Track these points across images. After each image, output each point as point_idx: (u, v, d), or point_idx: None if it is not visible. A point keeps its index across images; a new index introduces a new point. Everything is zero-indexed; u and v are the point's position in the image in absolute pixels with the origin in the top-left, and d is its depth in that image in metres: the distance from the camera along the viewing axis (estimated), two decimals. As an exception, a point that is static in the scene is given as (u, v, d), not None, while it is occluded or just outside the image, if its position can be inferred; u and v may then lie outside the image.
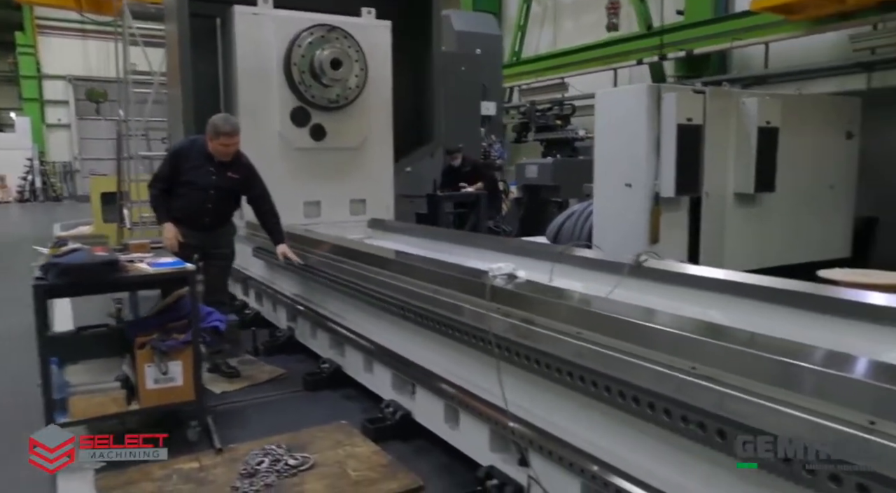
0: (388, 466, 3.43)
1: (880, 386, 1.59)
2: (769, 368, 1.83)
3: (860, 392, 1.63)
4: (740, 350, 1.93)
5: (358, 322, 4.49)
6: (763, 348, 1.90)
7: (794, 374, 1.77)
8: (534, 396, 2.87)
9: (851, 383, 1.65)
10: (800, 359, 1.79)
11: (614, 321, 2.36)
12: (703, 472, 2.15)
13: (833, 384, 1.68)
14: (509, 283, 2.97)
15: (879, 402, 1.59)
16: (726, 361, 1.95)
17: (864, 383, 1.62)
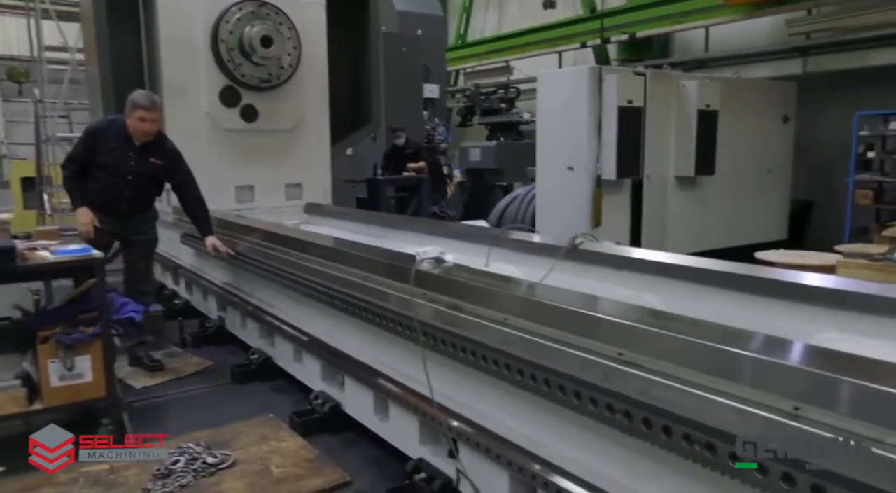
0: (315, 461, 3.27)
1: (806, 371, 1.50)
2: (696, 353, 1.74)
3: (786, 377, 1.54)
4: (666, 335, 1.82)
5: (287, 311, 4.30)
6: (691, 333, 1.80)
7: (720, 359, 1.68)
8: (461, 385, 2.74)
9: (777, 369, 1.55)
10: (727, 344, 1.69)
11: (541, 307, 2.25)
12: (630, 462, 2.05)
13: (759, 370, 1.59)
14: (436, 267, 2.84)
15: (805, 387, 1.50)
16: (653, 346, 1.85)
17: (790, 368, 1.53)
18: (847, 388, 1.42)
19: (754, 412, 1.57)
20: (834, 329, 2.43)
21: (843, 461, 1.42)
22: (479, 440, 2.56)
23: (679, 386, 1.73)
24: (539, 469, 2.30)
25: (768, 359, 1.57)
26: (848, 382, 1.41)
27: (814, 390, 1.48)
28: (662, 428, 1.80)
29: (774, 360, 1.56)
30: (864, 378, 1.41)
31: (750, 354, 1.62)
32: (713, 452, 1.68)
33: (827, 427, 1.46)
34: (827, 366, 1.49)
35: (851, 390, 1.41)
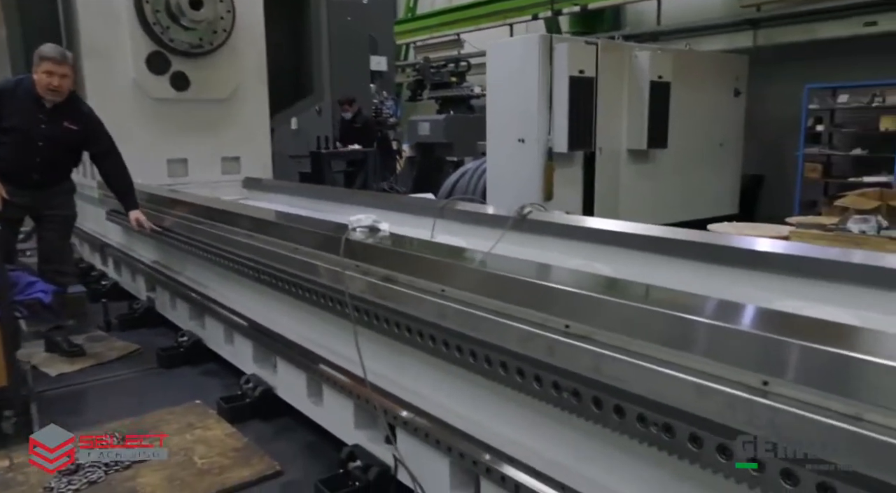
0: (243, 450, 3.01)
1: (777, 340, 1.30)
2: (651, 323, 1.53)
3: (754, 348, 1.34)
4: (617, 303, 1.61)
5: (217, 289, 4.00)
6: (644, 301, 1.59)
7: (678, 329, 1.47)
8: (398, 365, 2.51)
9: (743, 339, 1.35)
10: (686, 312, 1.48)
11: (479, 276, 2.02)
12: (580, 445, 1.85)
13: (723, 341, 1.39)
14: (370, 237, 2.59)
15: (775, 360, 1.30)
16: (602, 316, 1.64)
17: (758, 338, 1.33)
18: (825, 359, 1.22)
19: (717, 388, 1.37)
20: (794, 298, 2.27)
21: (818, 441, 1.23)
22: (417, 424, 2.34)
23: (632, 360, 1.53)
24: (481, 455, 2.09)
25: (733, 327, 1.37)
26: (827, 352, 1.22)
27: (785, 363, 1.28)
28: (614, 408, 1.60)
29: (740, 328, 1.36)
30: (843, 348, 1.22)
31: (712, 322, 1.41)
32: (671, 434, 1.48)
33: (799, 404, 1.27)
34: (800, 335, 1.29)
35: (829, 361, 1.22)
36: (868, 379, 1.17)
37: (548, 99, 6.84)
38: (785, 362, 1.29)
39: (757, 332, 1.34)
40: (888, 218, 4.44)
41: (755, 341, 1.34)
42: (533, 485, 1.91)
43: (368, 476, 2.55)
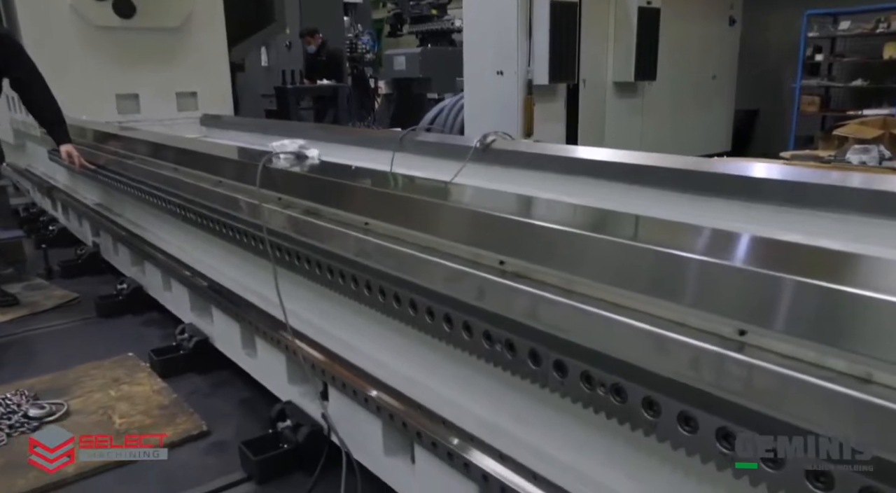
0: (170, 407, 2.71)
1: (760, 274, 0.96)
2: (601, 256, 1.18)
3: (726, 286, 1.00)
4: (562, 232, 1.26)
5: (153, 231, 3.65)
6: (595, 229, 1.24)
7: (630, 263, 1.13)
8: (324, 312, 2.19)
9: (715, 272, 1.01)
10: (641, 242, 1.14)
11: (407, 205, 1.66)
12: (520, 407, 1.53)
13: (688, 276, 1.05)
14: (295, 165, 2.22)
15: (756, 302, 0.96)
16: (541, 249, 1.29)
17: (734, 271, 0.99)
18: (823, 299, 0.88)
19: (679, 339, 1.03)
20: (790, 231, 1.92)
21: (810, 410, 0.91)
22: (346, 379, 2.02)
23: (574, 304, 1.19)
24: (413, 417, 1.77)
25: (701, 259, 1.03)
26: (827, 290, 0.88)
27: (770, 306, 0.94)
28: (554, 364, 1.27)
29: (710, 260, 1.02)
30: (849, 284, 0.88)
31: (674, 252, 1.07)
32: (621, 398, 1.15)
33: (786, 361, 0.94)
34: (791, 269, 0.95)
35: (829, 302, 0.88)
36: (883, 326, 0.83)
37: (527, 27, 6.37)
38: (769, 304, 0.95)
39: (733, 264, 1.00)
40: (891, 148, 4.08)
41: (731, 276, 0.99)
42: (469, 454, 1.60)
43: (297, 437, 2.25)
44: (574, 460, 1.41)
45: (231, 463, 2.36)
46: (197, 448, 2.49)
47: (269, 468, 2.24)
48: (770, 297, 0.94)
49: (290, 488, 2.22)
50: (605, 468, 1.35)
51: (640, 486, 1.29)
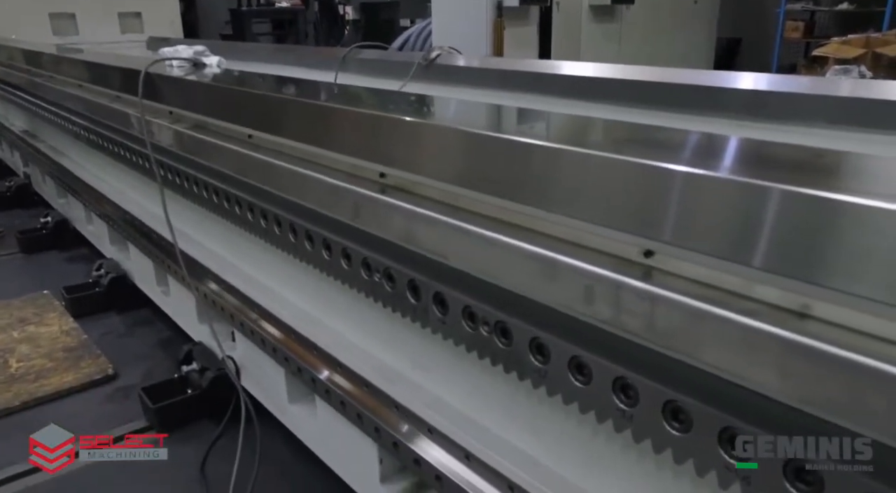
0: (75, 350, 2.47)
1: (667, 172, 0.70)
2: (493, 164, 0.92)
3: (630, 192, 0.75)
4: (450, 131, 1.00)
5: (72, 158, 3.35)
6: (487, 128, 0.98)
7: (515, 168, 0.87)
8: (226, 242, 1.93)
9: (615, 171, 0.76)
10: (539, 140, 0.88)
11: (293, 111, 1.38)
12: (416, 352, 1.30)
13: (584, 181, 0.79)
14: (191, 73, 1.92)
15: (664, 212, 0.71)
16: (429, 157, 1.03)
17: (642, 169, 0.73)
18: (750, 207, 0.64)
19: (570, 264, 0.79)
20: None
21: (733, 353, 0.67)
22: (244, 319, 1.78)
23: (451, 221, 0.94)
24: (308, 360, 1.54)
25: (599, 154, 0.77)
26: (754, 189, 0.63)
27: (684, 218, 0.69)
28: (434, 298, 1.02)
29: (610, 156, 0.76)
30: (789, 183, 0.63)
31: (567, 148, 0.81)
32: (507, 340, 0.92)
33: (700, 290, 0.70)
34: (706, 168, 0.70)
35: (758, 211, 0.64)
36: (827, 239, 0.59)
37: (497, -57, 5.95)
38: (683, 216, 0.70)
39: (638, 162, 0.74)
40: (873, 68, 3.80)
41: (635, 179, 0.74)
42: (362, 403, 1.37)
43: (202, 381, 2.02)
44: (474, 412, 1.19)
45: (135, 411, 2.13)
46: (100, 394, 2.26)
47: (171, 415, 2.02)
48: (684, 206, 0.70)
49: (193, 439, 2.00)
50: (507, 422, 1.13)
51: (542, 442, 1.07)
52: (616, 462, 0.94)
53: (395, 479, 1.47)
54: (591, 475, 0.99)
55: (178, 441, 2.00)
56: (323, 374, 1.48)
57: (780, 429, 0.65)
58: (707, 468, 0.71)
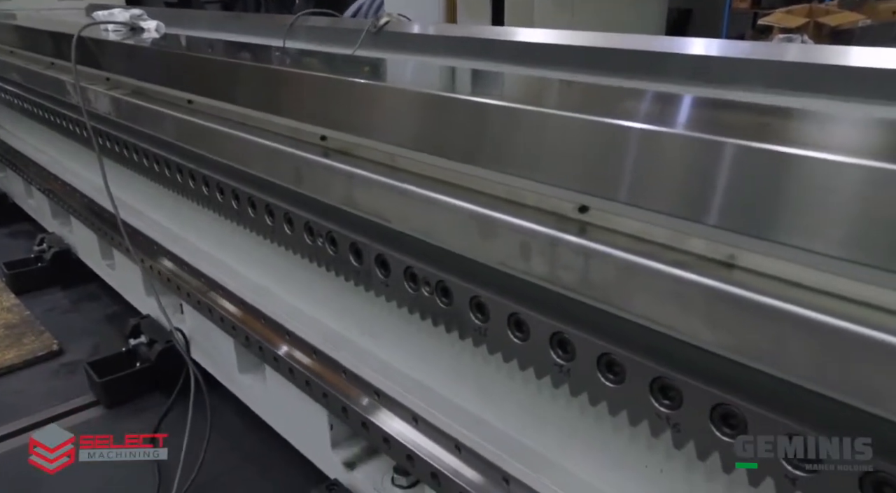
0: (19, 326, 2.41)
1: (609, 125, 0.71)
2: (428, 122, 0.92)
3: (566, 146, 0.75)
4: (381, 90, 0.99)
5: (9, 129, 3.23)
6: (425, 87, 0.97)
7: (462, 129, 0.87)
8: (168, 211, 1.89)
9: (551, 125, 0.76)
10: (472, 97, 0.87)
11: (232, 75, 1.35)
12: (363, 318, 1.30)
13: (520, 134, 0.80)
14: (129, 38, 1.86)
15: (601, 168, 0.72)
16: (370, 118, 1.02)
17: (579, 123, 0.74)
18: (677, 158, 0.65)
19: (504, 220, 0.79)
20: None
21: (663, 305, 0.68)
22: (189, 288, 1.75)
23: (387, 181, 0.93)
24: (256, 329, 1.53)
25: (530, 109, 0.77)
26: (681, 139, 0.64)
27: (618, 172, 0.70)
28: (376, 260, 1.02)
29: (543, 110, 0.76)
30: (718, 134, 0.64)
31: (504, 104, 0.81)
32: (448, 300, 0.92)
33: (630, 243, 0.71)
34: (636, 120, 0.70)
35: (685, 163, 0.64)
36: (750, 189, 0.60)
37: None
38: (615, 171, 0.71)
39: (571, 117, 0.74)
40: (814, 37, 3.88)
41: (568, 135, 0.74)
42: (309, 368, 1.37)
43: (150, 354, 1.99)
44: (422, 375, 1.19)
45: (82, 386, 2.09)
46: (45, 370, 2.21)
47: (118, 389, 1.99)
48: (616, 161, 0.70)
49: (142, 412, 1.97)
50: (454, 384, 1.14)
51: (489, 403, 1.08)
52: (558, 417, 0.96)
53: (345, 445, 1.48)
54: (533, 431, 1.01)
55: (128, 415, 1.98)
56: (271, 343, 1.47)
57: (709, 377, 0.67)
58: (640, 418, 0.73)
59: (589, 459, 0.92)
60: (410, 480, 1.37)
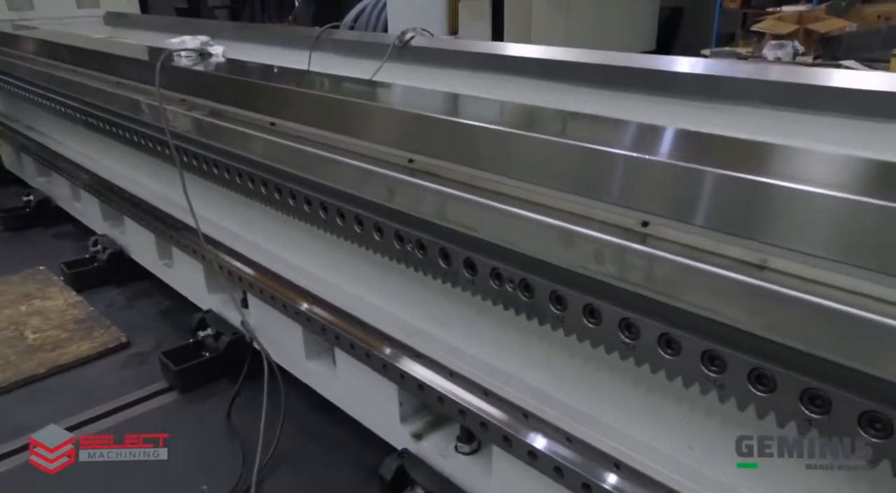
0: (86, 321, 2.63)
1: (663, 164, 0.95)
2: (511, 152, 1.15)
3: (628, 178, 0.99)
4: (473, 128, 1.22)
5: (56, 138, 3.44)
6: (507, 123, 1.20)
7: (539, 157, 1.10)
8: (239, 218, 2.13)
9: (618, 164, 0.99)
10: (550, 134, 1.11)
11: (313, 103, 1.58)
12: (435, 307, 1.54)
13: (592, 168, 1.03)
14: (199, 63, 2.08)
15: (657, 192, 0.96)
16: (451, 146, 1.25)
17: (638, 162, 0.97)
18: (725, 188, 0.88)
19: (583, 233, 1.03)
20: (704, 124, 1.94)
21: (708, 296, 0.92)
22: (264, 286, 1.98)
23: (483, 201, 1.17)
24: (331, 321, 1.76)
25: (605, 150, 1.01)
26: (728, 178, 0.87)
27: (672, 196, 0.94)
28: (464, 262, 1.26)
29: (612, 150, 1.00)
30: (750, 173, 0.88)
31: (578, 143, 1.05)
32: (530, 294, 1.16)
33: (685, 250, 0.95)
34: (695, 158, 0.94)
35: (729, 191, 0.88)
36: (775, 213, 0.84)
37: (451, -84, 6.08)
38: (670, 195, 0.95)
39: (635, 155, 0.98)
40: (805, 43, 4.13)
41: (633, 167, 0.98)
42: (385, 353, 1.60)
43: (219, 345, 2.22)
44: (492, 357, 1.43)
45: (153, 374, 2.32)
46: (116, 361, 2.44)
47: (191, 377, 2.21)
48: (670, 188, 0.94)
49: (213, 396, 2.20)
50: (523, 363, 1.38)
51: (554, 379, 1.32)
52: (611, 388, 1.21)
53: (412, 419, 1.72)
54: (589, 400, 1.25)
55: (199, 400, 2.21)
56: (348, 332, 1.71)
57: (747, 348, 0.91)
58: (692, 381, 0.97)
59: (632, 418, 1.17)
60: (472, 447, 1.61)
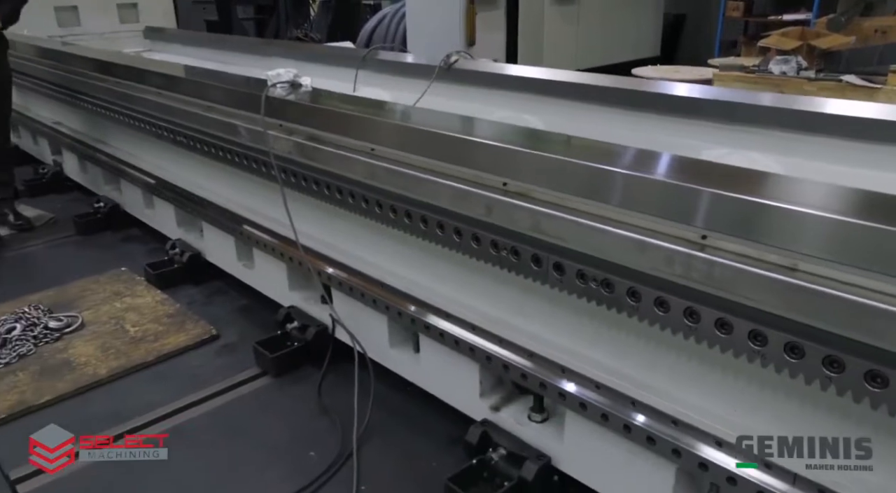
0: (176, 316, 2.97)
1: (715, 194, 1.30)
2: (593, 179, 1.50)
3: (693, 203, 1.34)
4: (555, 160, 1.57)
5: (131, 151, 3.78)
6: (582, 156, 1.55)
7: (619, 185, 1.45)
8: (331, 227, 2.47)
9: (684, 193, 1.34)
10: (626, 168, 1.46)
11: (411, 133, 1.93)
12: (519, 302, 1.89)
13: (663, 196, 1.38)
14: (291, 93, 2.43)
15: (713, 213, 1.31)
16: (541, 173, 1.60)
17: (699, 192, 1.32)
18: (761, 212, 1.23)
19: (657, 243, 1.38)
20: (720, 145, 2.31)
21: (754, 291, 1.27)
22: (353, 284, 2.33)
23: (571, 218, 1.52)
24: (420, 313, 2.11)
25: (674, 183, 1.36)
26: (763, 205, 1.22)
27: (724, 217, 1.29)
28: (554, 266, 1.61)
29: (681, 184, 1.35)
30: (778, 200, 1.23)
31: (652, 177, 1.40)
32: (610, 289, 1.51)
33: (736, 256, 1.29)
34: (739, 188, 1.29)
35: (765, 214, 1.23)
36: (803, 229, 1.19)
37: (470, -66, 6.42)
38: (724, 215, 1.30)
39: (697, 187, 1.33)
40: (808, 58, 4.48)
41: (696, 196, 1.33)
42: (472, 339, 1.95)
43: (306, 336, 2.57)
44: (566, 342, 1.79)
45: (244, 362, 2.66)
46: (210, 350, 2.77)
47: (284, 363, 2.56)
48: (723, 209, 1.29)
49: (301, 380, 2.55)
50: (594, 347, 1.73)
51: (623, 360, 1.67)
52: (669, 362, 1.56)
53: (489, 394, 2.07)
54: (650, 373, 1.61)
55: (290, 383, 2.55)
56: (435, 321, 2.06)
57: (783, 328, 1.26)
58: (740, 354, 1.33)
59: (683, 385, 1.52)
60: (543, 416, 1.96)
